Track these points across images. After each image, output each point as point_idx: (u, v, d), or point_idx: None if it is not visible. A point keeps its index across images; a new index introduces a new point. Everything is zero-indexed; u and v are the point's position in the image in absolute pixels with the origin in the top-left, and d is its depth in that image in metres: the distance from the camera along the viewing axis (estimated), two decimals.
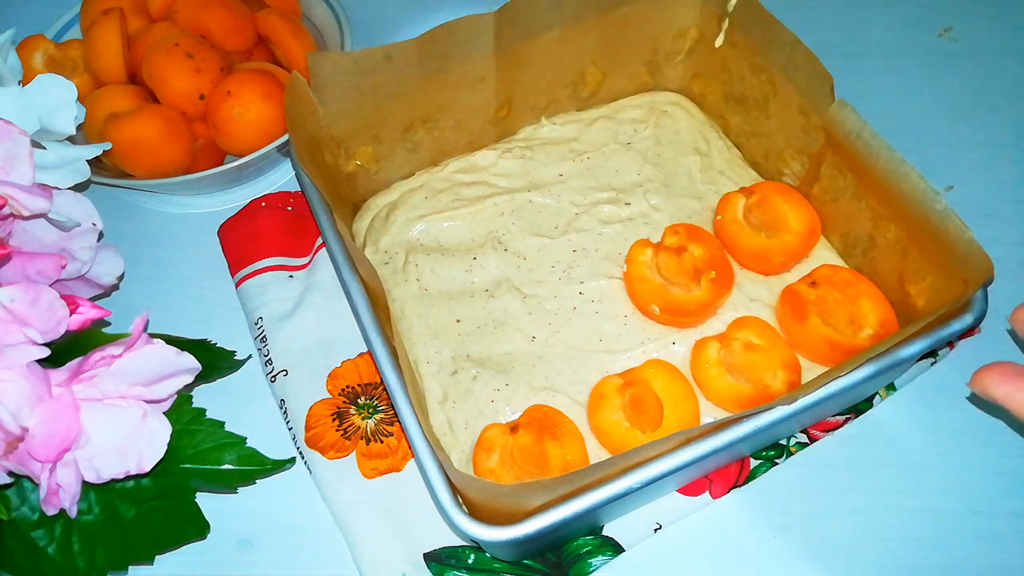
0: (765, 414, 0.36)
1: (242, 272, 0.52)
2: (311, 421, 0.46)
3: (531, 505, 0.34)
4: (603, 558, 0.42)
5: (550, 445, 0.41)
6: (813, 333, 0.43)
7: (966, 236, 0.37)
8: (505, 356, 0.45)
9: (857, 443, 0.45)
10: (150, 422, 0.38)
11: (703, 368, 0.43)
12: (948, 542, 0.42)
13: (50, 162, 0.43)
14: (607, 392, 0.42)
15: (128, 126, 0.51)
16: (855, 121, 0.42)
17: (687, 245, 0.47)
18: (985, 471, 0.44)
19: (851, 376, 0.37)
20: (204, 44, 0.54)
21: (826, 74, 0.42)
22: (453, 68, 0.47)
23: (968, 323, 0.38)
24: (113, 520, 0.40)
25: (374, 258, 0.50)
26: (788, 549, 0.42)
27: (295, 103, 0.44)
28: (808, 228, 0.47)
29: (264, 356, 0.49)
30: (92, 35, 0.55)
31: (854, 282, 0.44)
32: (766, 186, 0.49)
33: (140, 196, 0.58)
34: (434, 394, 0.44)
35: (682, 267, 0.46)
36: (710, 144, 0.54)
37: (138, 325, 0.36)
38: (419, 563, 0.42)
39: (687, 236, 0.47)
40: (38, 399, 0.35)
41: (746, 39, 0.48)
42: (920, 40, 0.63)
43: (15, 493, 0.40)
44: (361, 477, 0.44)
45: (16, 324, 0.36)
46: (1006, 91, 0.59)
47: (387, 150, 0.51)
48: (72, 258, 0.44)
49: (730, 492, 0.44)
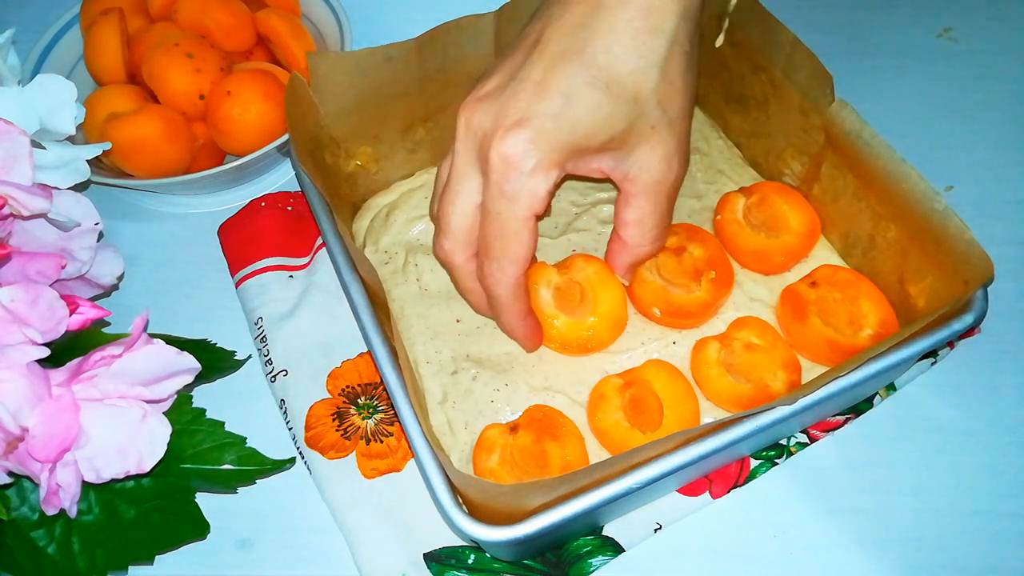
0: (765, 414, 0.36)
1: (242, 272, 0.52)
2: (311, 421, 0.46)
3: (531, 505, 0.34)
4: (603, 558, 0.42)
5: (550, 445, 0.41)
6: (813, 333, 0.43)
7: (966, 236, 0.37)
8: (504, 356, 0.45)
9: (857, 443, 0.45)
10: (150, 422, 0.38)
11: (703, 368, 0.43)
12: (948, 542, 0.42)
13: (50, 162, 0.43)
14: (607, 392, 0.42)
15: (128, 126, 0.51)
16: (855, 121, 0.42)
17: (687, 245, 0.47)
18: (985, 471, 0.44)
19: (851, 376, 0.37)
20: (204, 44, 0.54)
21: (826, 74, 0.42)
22: (453, 68, 0.47)
23: (968, 323, 0.38)
24: (113, 520, 0.40)
25: (374, 258, 0.50)
26: (788, 549, 0.42)
27: (295, 103, 0.44)
28: (808, 228, 0.47)
29: (264, 356, 0.49)
30: (92, 35, 0.55)
31: (854, 282, 0.44)
32: (766, 186, 0.49)
33: (140, 196, 0.58)
34: (434, 394, 0.44)
35: (682, 267, 0.46)
36: (710, 144, 0.54)
37: (138, 325, 0.36)
38: (419, 563, 0.42)
39: (687, 236, 0.47)
40: (38, 399, 0.35)
41: (746, 39, 0.48)
42: (920, 40, 0.63)
43: (15, 493, 0.40)
44: (361, 477, 0.44)
45: (16, 324, 0.36)
46: (1006, 91, 0.59)
47: (387, 150, 0.51)
48: (72, 258, 0.44)
49: (730, 492, 0.44)
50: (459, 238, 0.40)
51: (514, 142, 0.37)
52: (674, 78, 0.39)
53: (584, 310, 0.44)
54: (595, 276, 0.45)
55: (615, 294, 0.45)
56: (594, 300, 0.45)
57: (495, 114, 0.37)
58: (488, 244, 0.39)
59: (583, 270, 0.45)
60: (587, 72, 0.37)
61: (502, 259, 0.39)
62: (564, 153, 0.37)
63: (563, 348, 0.45)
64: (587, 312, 0.44)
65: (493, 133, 0.37)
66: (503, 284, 0.40)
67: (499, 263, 0.39)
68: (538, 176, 0.37)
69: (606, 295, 0.45)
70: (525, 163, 0.37)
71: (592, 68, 0.37)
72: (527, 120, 0.37)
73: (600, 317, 0.44)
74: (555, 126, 0.37)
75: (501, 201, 0.38)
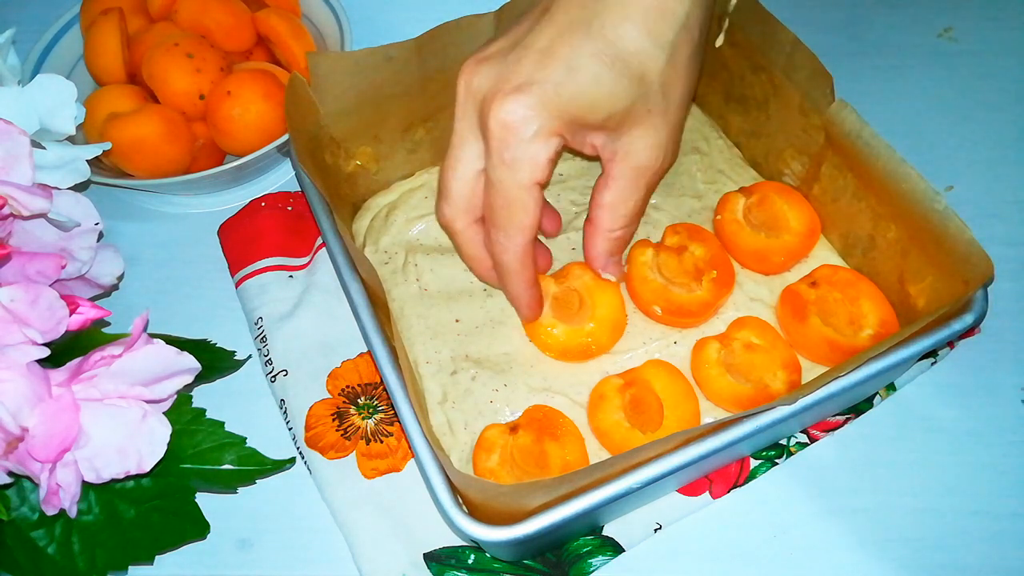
0: (765, 414, 0.36)
1: (242, 272, 0.52)
2: (311, 421, 0.46)
3: (531, 505, 0.34)
4: (603, 558, 0.42)
5: (550, 445, 0.41)
6: (813, 333, 0.43)
7: (966, 236, 0.37)
8: (503, 356, 0.45)
9: (857, 443, 0.45)
10: (150, 422, 0.38)
11: (703, 368, 0.43)
12: (948, 542, 0.42)
13: (50, 162, 0.43)
14: (607, 392, 0.42)
15: (128, 126, 0.51)
16: (855, 121, 0.41)
17: (688, 244, 0.47)
18: (985, 471, 0.44)
19: (851, 376, 0.37)
20: (204, 44, 0.54)
21: (826, 74, 0.42)
22: (453, 68, 0.47)
23: (968, 323, 0.38)
24: (113, 520, 0.40)
25: (374, 258, 0.50)
26: (788, 549, 0.42)
27: (295, 103, 0.44)
28: (808, 228, 0.47)
29: (264, 356, 0.49)
30: (92, 35, 0.55)
31: (854, 282, 0.44)
32: (766, 186, 0.49)
33: (140, 196, 0.58)
34: (433, 394, 0.44)
35: (683, 267, 0.46)
36: (710, 144, 0.54)
37: (138, 325, 0.36)
38: (419, 563, 0.42)
39: (687, 235, 0.47)
40: (38, 399, 0.35)
41: (746, 39, 0.48)
42: (920, 40, 0.63)
43: (15, 493, 0.40)
44: (361, 477, 0.44)
45: (16, 324, 0.36)
46: (1006, 91, 0.59)
47: (387, 150, 0.51)
48: (72, 258, 0.44)
49: (730, 492, 0.44)
50: (460, 204, 0.40)
51: (514, 108, 0.36)
52: (679, 64, 0.38)
53: (583, 316, 0.44)
54: (592, 281, 0.45)
55: (613, 297, 0.45)
56: (592, 305, 0.45)
57: (496, 77, 0.37)
58: (493, 213, 0.39)
59: (580, 277, 0.45)
60: (594, 45, 0.36)
61: (508, 227, 0.39)
62: (563, 122, 0.37)
63: (564, 356, 0.45)
64: (586, 318, 0.44)
65: (493, 97, 0.37)
66: (510, 251, 0.40)
67: (505, 231, 0.39)
68: (538, 143, 0.37)
69: (604, 299, 0.45)
70: (525, 129, 0.36)
71: (599, 41, 0.36)
72: (528, 86, 0.36)
73: (599, 322, 0.44)
74: (556, 94, 0.36)
75: (502, 169, 0.37)
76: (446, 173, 0.40)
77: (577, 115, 0.37)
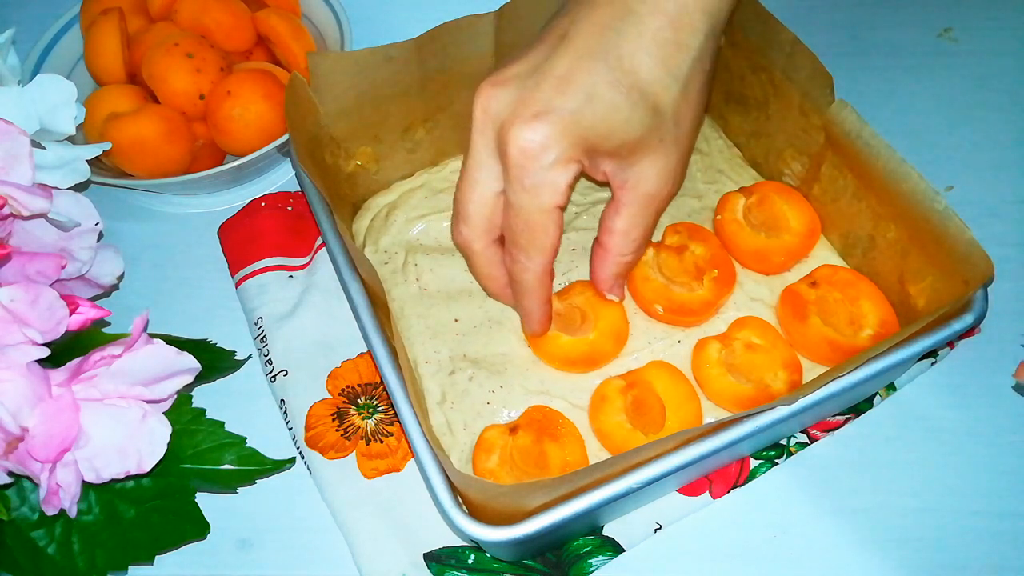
0: (765, 414, 0.36)
1: (242, 272, 0.52)
2: (311, 421, 0.46)
3: (531, 505, 0.34)
4: (603, 558, 0.42)
5: (550, 446, 0.41)
6: (813, 333, 0.43)
7: (966, 236, 0.37)
8: (499, 356, 0.45)
9: (857, 443, 0.45)
10: (150, 422, 0.38)
11: (704, 368, 0.43)
12: (948, 542, 0.42)
13: (50, 162, 0.43)
14: (609, 394, 0.42)
15: (128, 126, 0.51)
16: (855, 121, 0.42)
17: (688, 244, 0.47)
18: (985, 471, 0.44)
19: (851, 376, 0.37)
20: (204, 44, 0.54)
21: (826, 74, 0.42)
22: (453, 68, 0.47)
23: (968, 323, 0.38)
24: (113, 520, 0.40)
25: (374, 258, 0.50)
26: (788, 549, 0.42)
27: (295, 103, 0.44)
28: (808, 228, 0.47)
29: (264, 356, 0.49)
30: (92, 35, 0.55)
31: (854, 282, 0.44)
32: (766, 186, 0.49)
33: (140, 196, 0.58)
34: (433, 394, 0.44)
35: (684, 266, 0.46)
36: (710, 144, 0.54)
37: (138, 325, 0.36)
38: (419, 563, 0.42)
39: (688, 235, 0.47)
40: (38, 399, 0.35)
41: (746, 39, 0.48)
42: (920, 40, 0.63)
43: (15, 493, 0.40)
44: (361, 477, 0.44)
45: (16, 324, 0.36)
46: (1006, 91, 0.59)
47: (387, 150, 0.51)
48: (72, 258, 0.44)
49: (730, 492, 0.44)
50: (478, 225, 0.41)
51: (533, 135, 0.36)
52: (692, 94, 0.39)
53: (586, 330, 0.44)
54: (595, 296, 0.45)
55: (615, 309, 0.45)
56: (595, 319, 0.45)
57: (514, 102, 0.37)
58: (514, 235, 0.39)
59: (582, 293, 0.45)
60: (611, 74, 0.37)
61: (530, 249, 0.39)
62: (582, 149, 0.37)
63: (567, 366, 0.45)
64: (589, 331, 0.44)
65: (512, 122, 0.37)
66: (531, 271, 0.40)
67: (527, 252, 0.39)
68: (558, 169, 0.37)
69: (606, 312, 0.45)
70: (545, 156, 0.37)
71: (616, 71, 0.37)
72: (547, 113, 0.36)
73: (601, 332, 0.44)
74: (575, 122, 0.36)
75: (523, 195, 0.38)
76: (463, 195, 0.40)
77: (594, 142, 0.37)
